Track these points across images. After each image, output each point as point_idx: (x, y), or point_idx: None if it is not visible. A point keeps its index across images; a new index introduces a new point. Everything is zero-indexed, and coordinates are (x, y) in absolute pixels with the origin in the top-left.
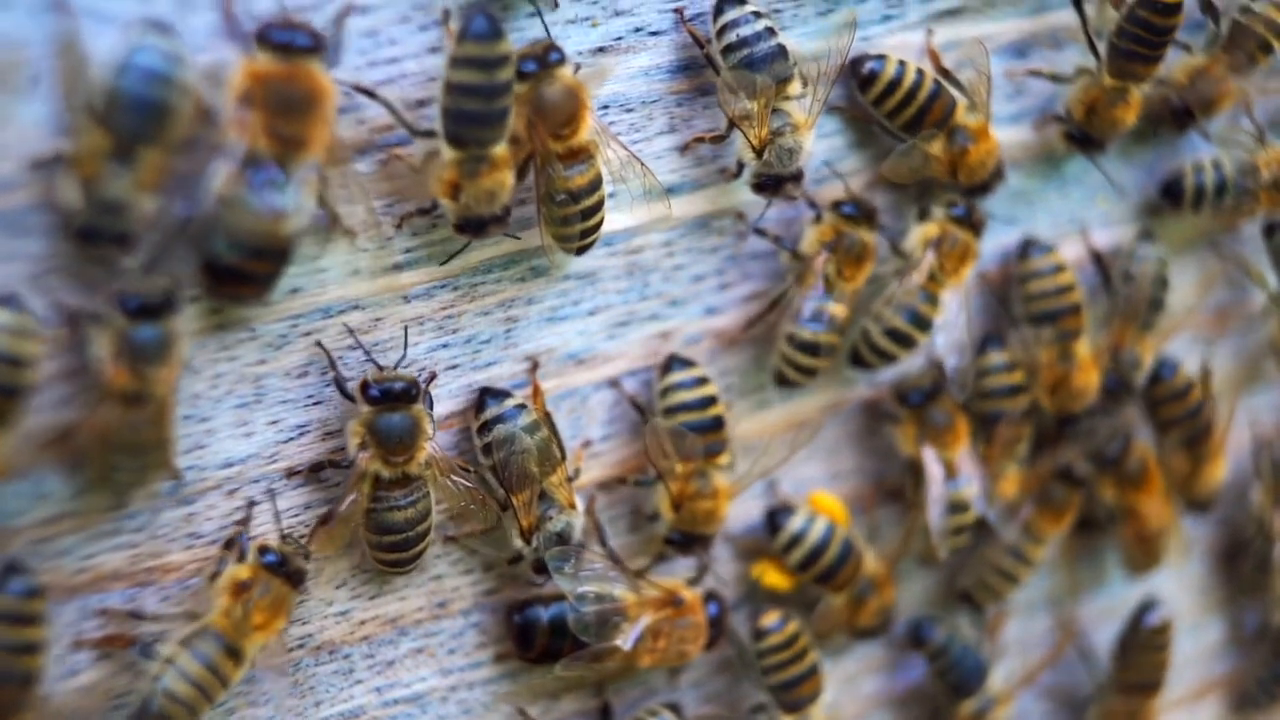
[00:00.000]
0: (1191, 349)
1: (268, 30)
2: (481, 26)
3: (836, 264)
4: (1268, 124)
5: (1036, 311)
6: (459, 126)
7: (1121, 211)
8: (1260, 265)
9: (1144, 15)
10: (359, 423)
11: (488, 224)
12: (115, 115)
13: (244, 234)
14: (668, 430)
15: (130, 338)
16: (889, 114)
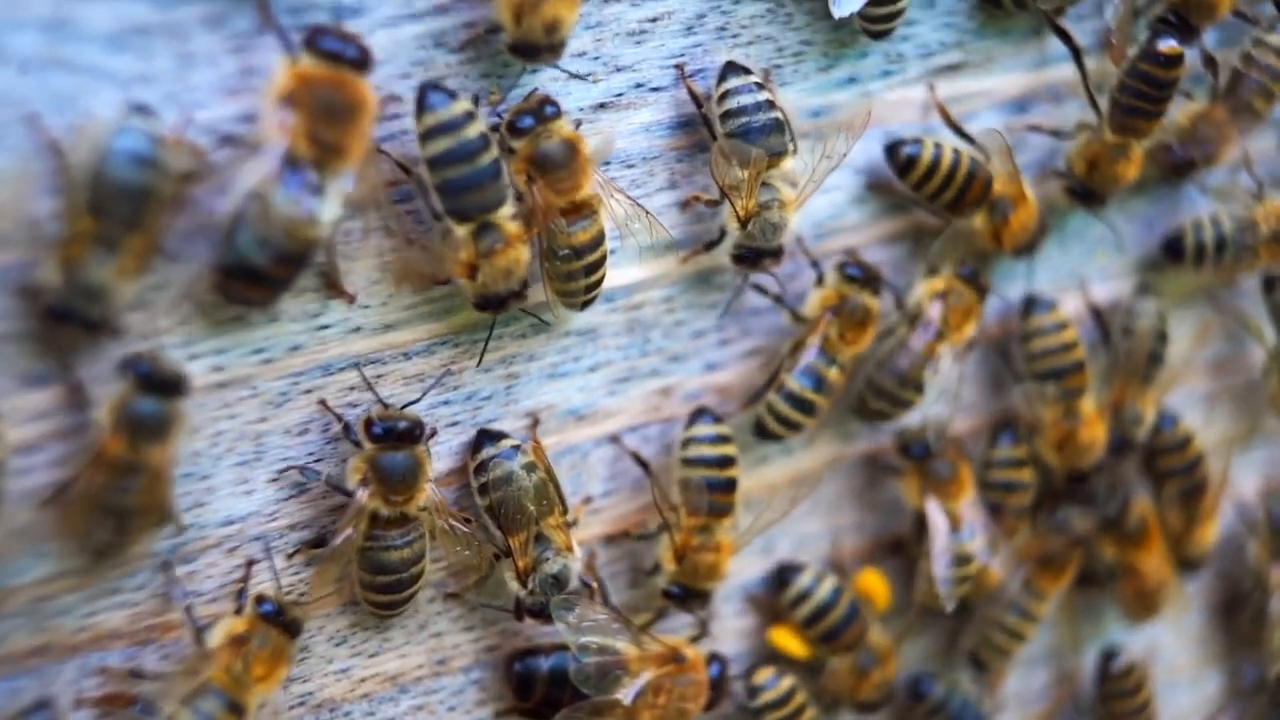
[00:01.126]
0: (1191, 402)
1: (319, 36)
2: (433, 96)
3: (839, 327)
4: (1267, 179)
5: (1040, 369)
6: (453, 199)
7: (1121, 265)
8: (1258, 319)
9: (1146, 69)
10: (361, 459)
11: (506, 300)
12: (99, 201)
13: (272, 233)
14: (679, 480)
15: (132, 409)
16: (930, 196)
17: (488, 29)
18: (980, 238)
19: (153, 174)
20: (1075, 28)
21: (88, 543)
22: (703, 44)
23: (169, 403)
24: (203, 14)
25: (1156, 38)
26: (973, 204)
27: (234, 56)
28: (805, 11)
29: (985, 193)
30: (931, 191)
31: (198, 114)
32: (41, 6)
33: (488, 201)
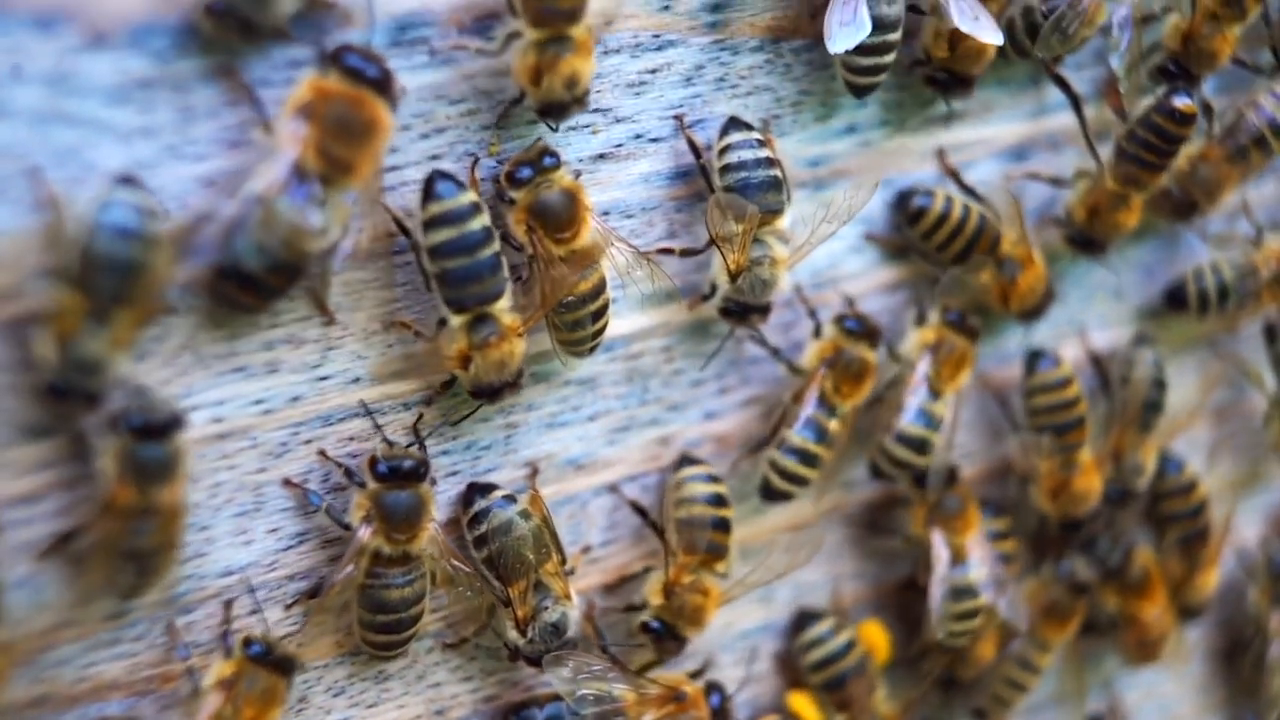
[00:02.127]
0: (1192, 449)
1: (344, 54)
2: (441, 184)
3: (834, 380)
4: (1267, 224)
5: (1042, 425)
6: (452, 290)
7: (1120, 313)
8: (1258, 365)
9: (1159, 122)
10: (365, 496)
11: (500, 391)
12: (89, 276)
13: (271, 240)
14: (675, 520)
15: (135, 456)
16: (938, 247)
17: (512, 101)
18: (987, 296)
19: (140, 248)
20: (1073, 76)
21: (113, 589)
22: (702, 95)
23: (169, 443)
24: (204, 67)
25: (1173, 94)
26: (980, 256)
27: (235, 109)
28: (804, 62)
29: (993, 247)
30: (939, 243)
31: (198, 166)
32: (44, 60)
33: (486, 294)
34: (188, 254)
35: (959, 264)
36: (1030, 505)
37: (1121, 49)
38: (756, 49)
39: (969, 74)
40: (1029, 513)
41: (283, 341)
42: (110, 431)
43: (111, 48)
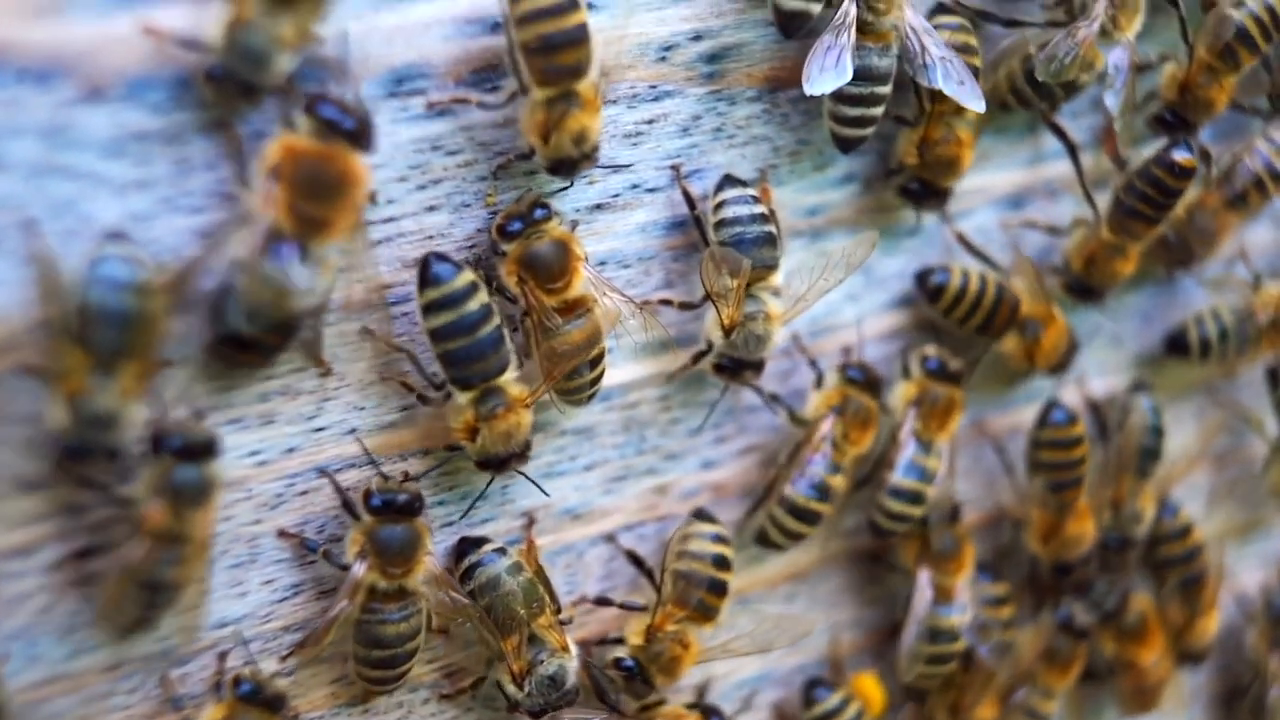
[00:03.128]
0: (1191, 494)
1: (319, 103)
2: (437, 267)
3: (843, 428)
4: (1266, 271)
5: (1045, 479)
6: (457, 369)
7: (1119, 360)
8: (1258, 409)
9: (1158, 175)
10: (359, 531)
11: (508, 461)
12: (89, 332)
13: (260, 304)
14: (672, 570)
15: (174, 479)
16: (959, 321)
17: (517, 155)
18: (1013, 359)
19: (136, 299)
20: (1070, 125)
21: (117, 619)
22: (699, 145)
23: (206, 466)
24: (200, 120)
25: (1173, 147)
26: (1001, 329)
27: (230, 161)
28: (801, 112)
29: (1013, 317)
30: (960, 317)
31: (194, 219)
32: (40, 113)
33: (489, 371)
34: (183, 305)
35: (981, 335)
36: (1023, 549)
37: (1118, 87)
38: (754, 99)
39: (942, 185)
40: (1022, 557)
41: (278, 393)
42: (149, 453)
43: (108, 101)
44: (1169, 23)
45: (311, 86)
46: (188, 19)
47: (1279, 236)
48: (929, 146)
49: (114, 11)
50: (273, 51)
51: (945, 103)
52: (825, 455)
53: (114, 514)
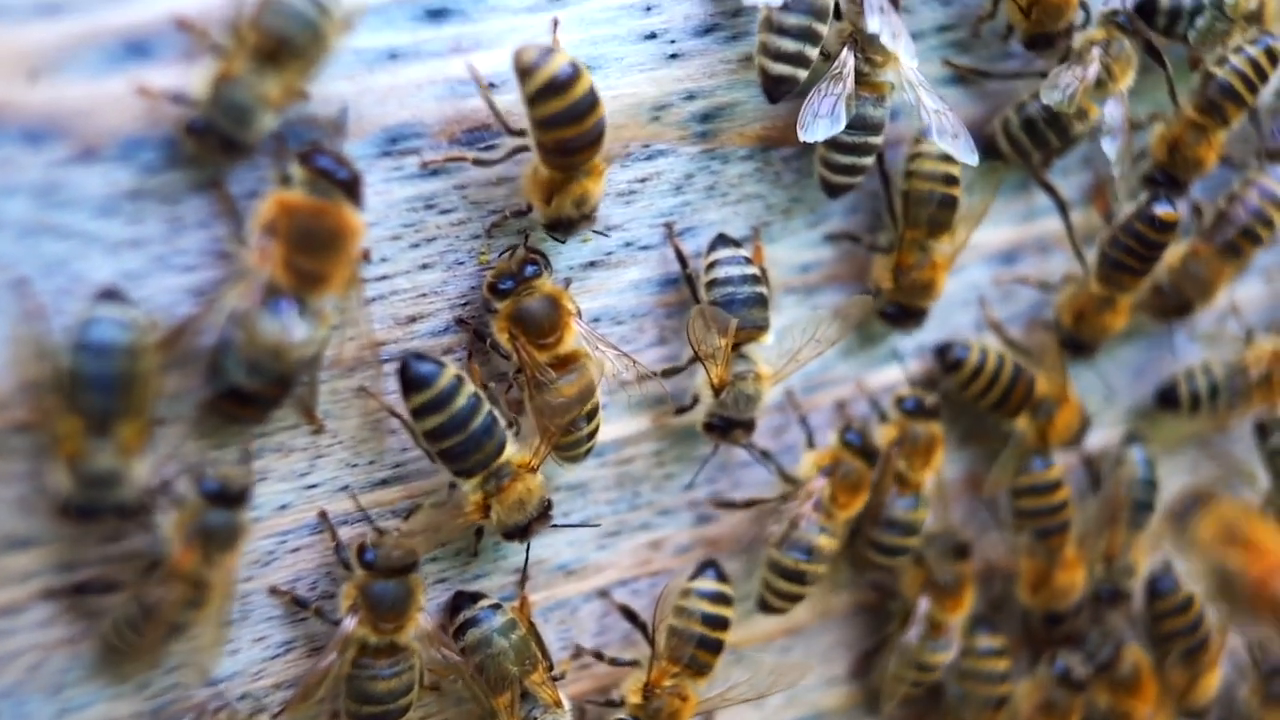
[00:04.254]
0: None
1: (314, 154)
2: (418, 368)
3: (832, 490)
4: (1257, 324)
5: (1030, 527)
6: (458, 462)
7: (1111, 413)
8: (1249, 463)
9: (1140, 229)
10: (353, 585)
11: (530, 527)
12: (81, 397)
13: (259, 358)
14: (668, 625)
15: (205, 523)
16: (975, 397)
17: (513, 212)
18: (1026, 438)
19: (126, 362)
20: (1060, 182)
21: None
22: (691, 203)
23: (237, 513)
24: (193, 179)
25: (1153, 201)
26: (1016, 407)
27: (223, 220)
28: (793, 170)
29: (1029, 396)
30: (976, 392)
31: (187, 277)
32: (33, 173)
33: (488, 458)
34: (179, 362)
35: (996, 412)
36: (1015, 603)
37: (1115, 134)
38: (746, 158)
39: (918, 307)
40: (1015, 610)
41: (271, 450)
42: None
43: (101, 160)
44: (1157, 82)
45: (304, 141)
46: (180, 78)
47: (1271, 291)
48: (904, 271)
49: (107, 72)
50: (257, 109)
51: (918, 229)
52: (811, 518)
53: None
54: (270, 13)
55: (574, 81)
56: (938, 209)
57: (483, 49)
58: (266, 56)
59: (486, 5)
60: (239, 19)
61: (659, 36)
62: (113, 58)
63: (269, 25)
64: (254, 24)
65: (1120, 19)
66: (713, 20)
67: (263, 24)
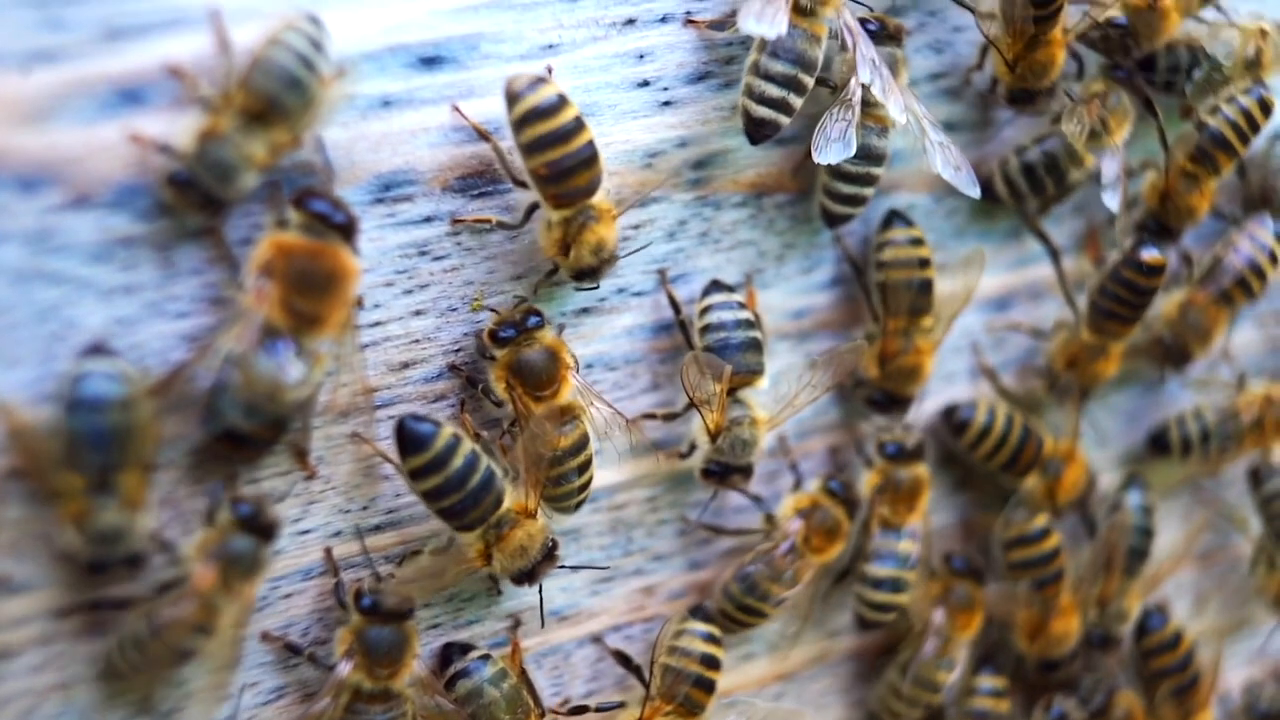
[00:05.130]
0: (1178, 593)
1: (308, 198)
2: (416, 433)
3: (806, 534)
4: (1250, 369)
5: (1020, 578)
6: (456, 520)
7: (1104, 460)
8: (1242, 509)
9: (1128, 276)
10: (348, 630)
11: (536, 570)
12: (79, 455)
13: (255, 399)
14: (661, 664)
15: (231, 546)
16: (983, 458)
17: (550, 271)
18: (1034, 496)
19: (123, 413)
20: (1053, 229)
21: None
22: (685, 249)
23: (263, 546)
24: (187, 226)
25: (1140, 246)
26: (1025, 468)
27: (218, 265)
28: (787, 216)
29: (1038, 457)
30: (985, 453)
31: (180, 324)
32: (26, 219)
33: (487, 514)
34: (174, 408)
35: (1005, 473)
36: (1010, 647)
37: (1114, 183)
38: (739, 204)
39: (904, 394)
40: (1009, 653)
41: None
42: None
43: (94, 207)
44: (1148, 131)
45: (298, 186)
46: (173, 126)
47: (1263, 336)
48: (889, 359)
49: (101, 119)
50: (241, 168)
51: (899, 318)
52: (769, 558)
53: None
54: (260, 73)
55: (560, 107)
56: (916, 295)
57: (476, 97)
58: (254, 116)
59: (480, 53)
60: (229, 75)
61: (652, 84)
62: (106, 105)
63: (258, 86)
64: (244, 83)
65: (1118, 72)
66: (705, 68)
67: (252, 84)
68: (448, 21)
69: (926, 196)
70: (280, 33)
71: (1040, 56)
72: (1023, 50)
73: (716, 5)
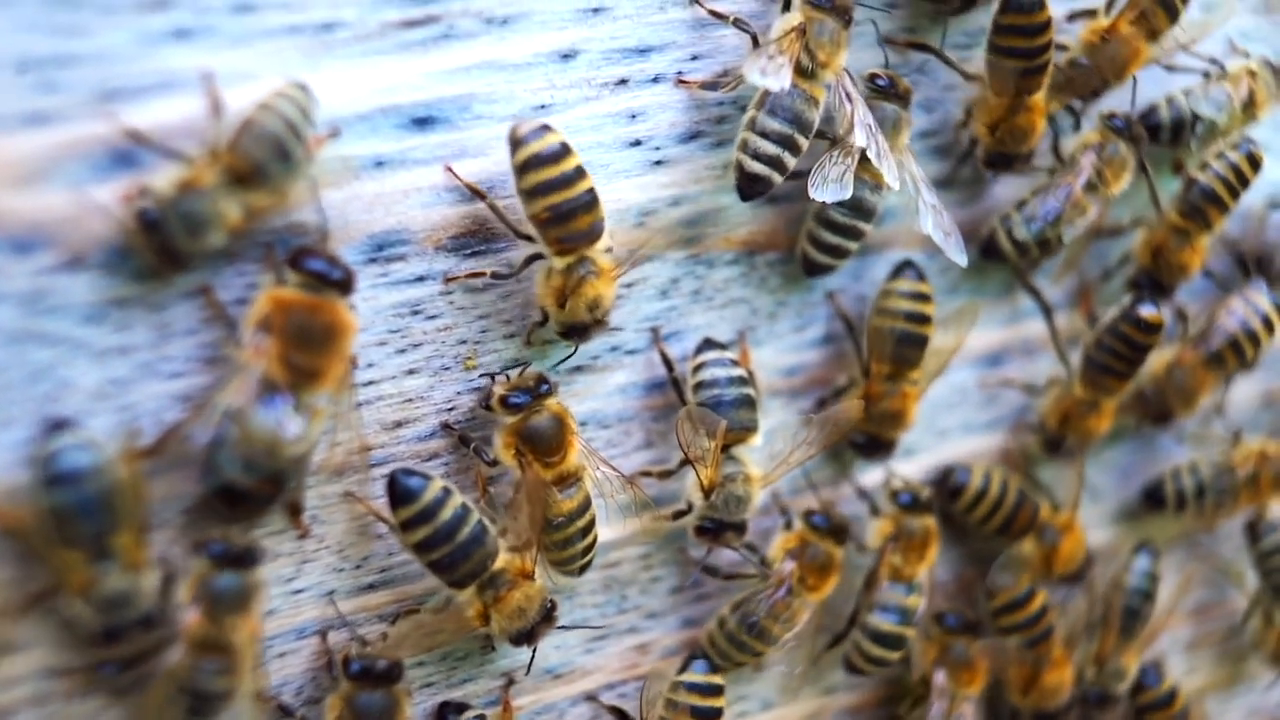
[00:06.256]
0: (1173, 648)
1: (304, 257)
2: (406, 486)
3: (800, 572)
4: (1245, 425)
5: (1010, 638)
6: (448, 573)
7: (1097, 515)
8: (1237, 564)
9: (1125, 331)
10: (337, 697)
11: (535, 631)
12: (68, 529)
13: (254, 454)
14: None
15: (213, 585)
16: (978, 522)
17: (539, 321)
18: (1030, 564)
19: (102, 478)
20: (1045, 285)
21: None
22: (677, 307)
23: (247, 575)
24: (182, 287)
25: (1138, 303)
26: (1020, 532)
27: (212, 325)
28: (779, 274)
29: (1033, 522)
30: (980, 517)
31: (174, 384)
32: (20, 281)
33: (478, 568)
34: (166, 468)
35: (1000, 537)
36: (1003, 701)
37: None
38: (732, 262)
39: (887, 437)
40: (1001, 707)
41: None
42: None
43: (88, 268)
44: (1139, 187)
45: (292, 246)
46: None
47: (1260, 391)
48: (873, 403)
49: (94, 181)
50: (211, 224)
51: (882, 363)
52: (770, 598)
53: None
54: (250, 137)
55: (563, 155)
56: (907, 347)
57: (469, 157)
58: (238, 177)
59: (472, 114)
60: (219, 134)
61: (644, 143)
62: (99, 167)
63: (246, 149)
64: (232, 145)
65: (1116, 123)
66: (697, 127)
67: (240, 147)
68: (440, 82)
69: (920, 253)
70: (271, 99)
71: (1021, 121)
72: (1005, 113)
73: (708, 66)
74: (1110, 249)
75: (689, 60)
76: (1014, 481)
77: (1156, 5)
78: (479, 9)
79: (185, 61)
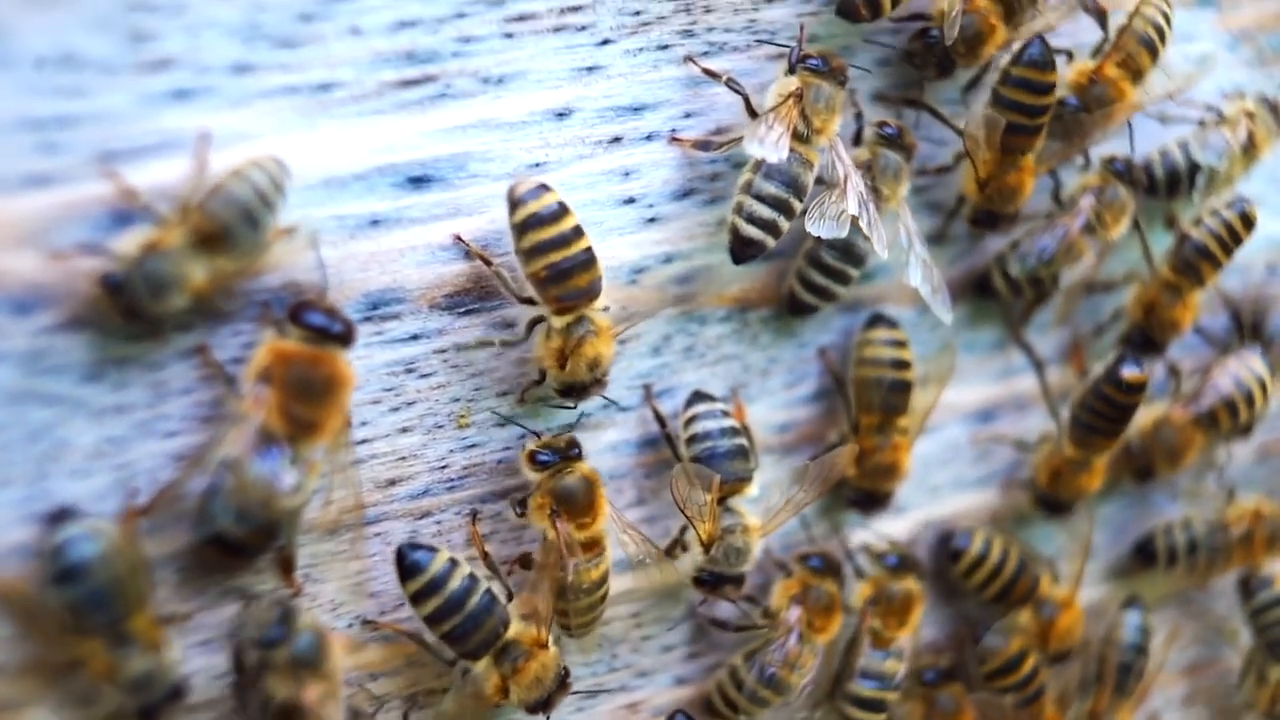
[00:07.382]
0: (1168, 706)
1: (303, 311)
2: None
3: (806, 616)
4: (1240, 482)
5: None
6: (460, 645)
7: (1090, 572)
8: (1232, 619)
9: (1108, 392)
10: None
11: (551, 699)
12: (84, 622)
13: (248, 504)
14: None
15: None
16: (976, 588)
17: (536, 380)
18: (1025, 635)
19: (111, 565)
20: (1037, 340)
21: None
22: (669, 364)
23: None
24: (179, 346)
25: (1120, 363)
26: (1017, 601)
27: (208, 384)
28: (771, 330)
29: (1032, 591)
30: (978, 583)
31: (170, 443)
32: (19, 340)
33: (490, 638)
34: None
35: (997, 604)
36: None
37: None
38: (724, 319)
39: (882, 490)
40: None
41: None
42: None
43: (86, 328)
44: (1132, 243)
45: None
46: None
47: (1255, 448)
48: (866, 456)
49: (94, 242)
50: (175, 287)
51: (871, 415)
52: (782, 647)
53: None
54: (220, 201)
55: (561, 215)
56: (891, 394)
57: (464, 216)
58: (203, 240)
59: (467, 173)
60: (189, 195)
61: (637, 201)
62: (99, 228)
63: (215, 212)
64: (201, 207)
65: (1117, 166)
66: (690, 185)
67: (209, 209)
68: (436, 141)
69: (911, 310)
70: (244, 167)
71: (1011, 180)
72: (996, 171)
73: (701, 123)
74: (1103, 304)
75: (682, 118)
76: (1015, 549)
77: (1140, 46)
78: (475, 68)
79: (185, 122)
